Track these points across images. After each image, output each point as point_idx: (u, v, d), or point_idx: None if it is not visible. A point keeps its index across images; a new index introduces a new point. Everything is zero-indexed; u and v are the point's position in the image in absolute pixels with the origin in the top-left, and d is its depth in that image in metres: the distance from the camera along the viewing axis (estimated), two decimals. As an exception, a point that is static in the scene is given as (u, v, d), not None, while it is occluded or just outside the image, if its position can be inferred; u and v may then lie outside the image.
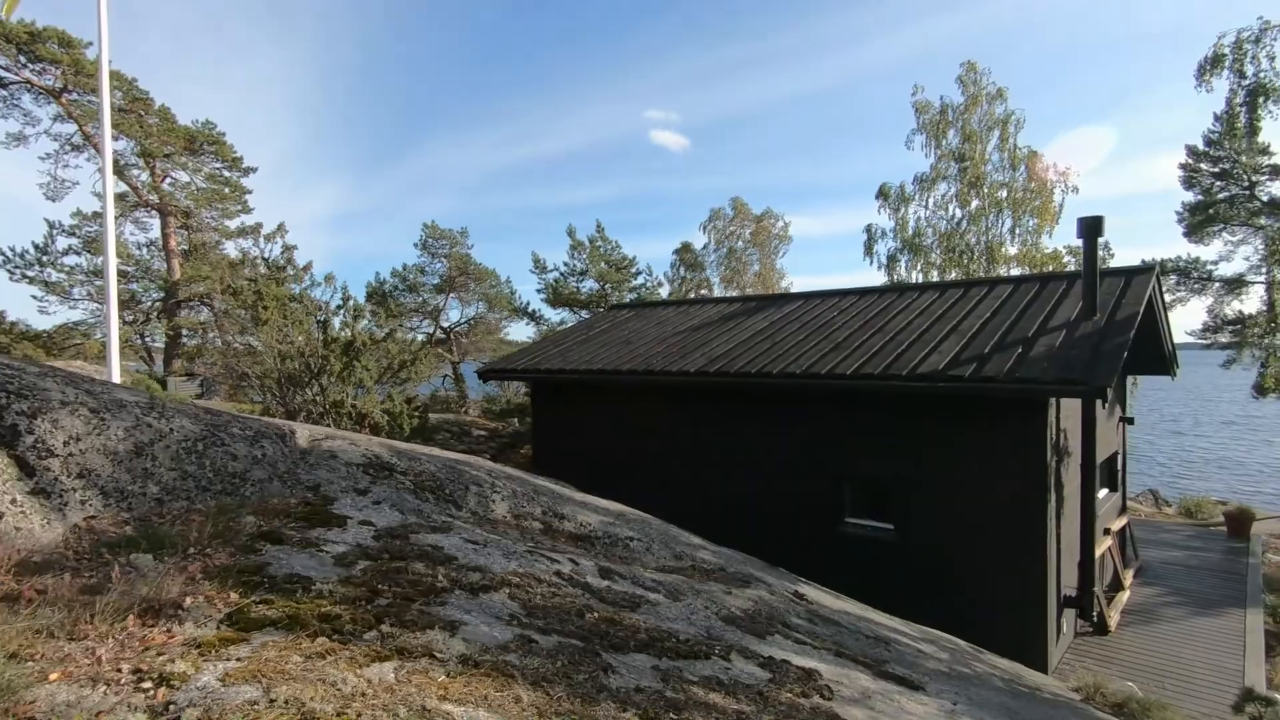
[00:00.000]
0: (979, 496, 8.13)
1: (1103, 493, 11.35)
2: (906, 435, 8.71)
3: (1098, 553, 9.54)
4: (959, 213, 24.49)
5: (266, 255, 16.72)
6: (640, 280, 20.35)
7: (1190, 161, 20.56)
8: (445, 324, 25.13)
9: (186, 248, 18.84)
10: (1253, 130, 8.15)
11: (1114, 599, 10.10)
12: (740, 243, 39.43)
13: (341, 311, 10.98)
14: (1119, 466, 11.72)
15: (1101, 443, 10.72)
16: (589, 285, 19.59)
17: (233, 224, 21.04)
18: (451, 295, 24.55)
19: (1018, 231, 24.08)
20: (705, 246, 39.08)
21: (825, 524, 9.36)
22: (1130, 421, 12.16)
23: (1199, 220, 20.87)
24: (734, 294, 30.31)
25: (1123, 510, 12.18)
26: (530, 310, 21.33)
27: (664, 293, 29.48)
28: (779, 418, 9.86)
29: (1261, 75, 7.90)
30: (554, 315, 20.74)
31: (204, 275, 16.74)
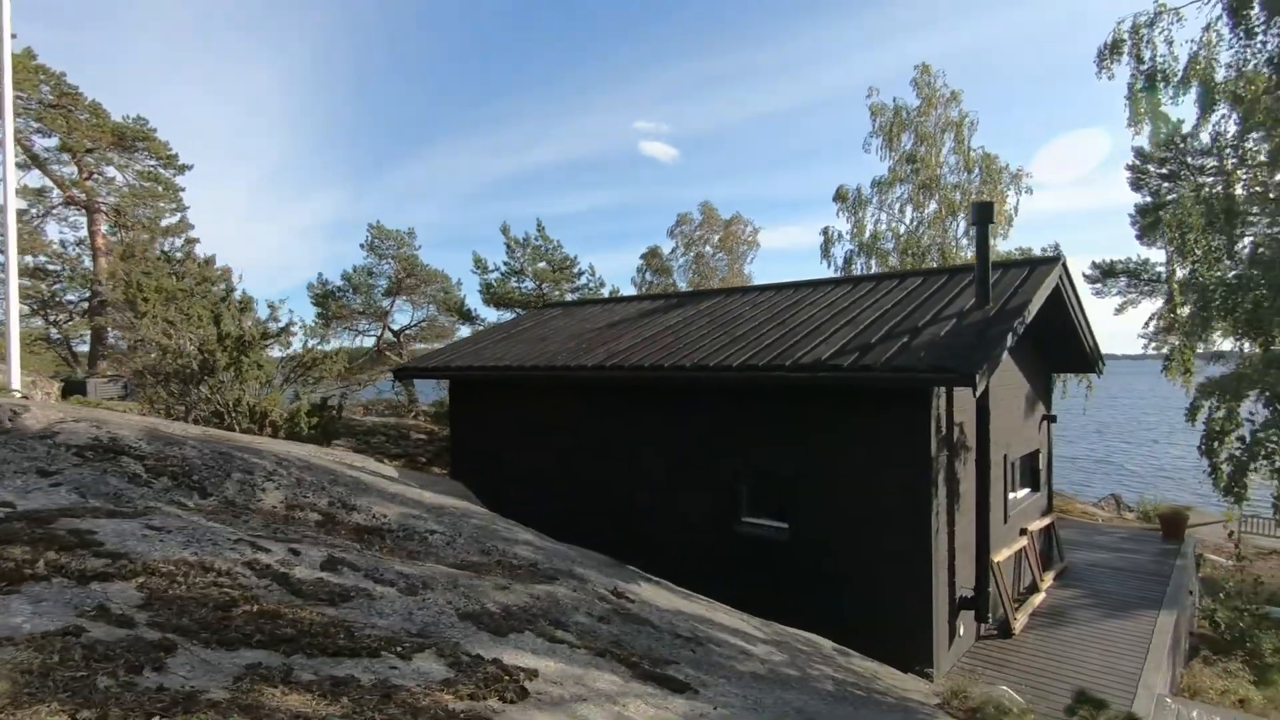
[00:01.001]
0: (866, 492, 7.79)
1: (1023, 492, 11.08)
2: (797, 429, 8.37)
3: (1004, 554, 9.24)
4: (914, 215, 24.35)
5: (168, 250, 16.26)
6: (583, 281, 20.07)
7: (1138, 163, 20.48)
8: (395, 327, 24.66)
9: (111, 246, 18.35)
10: (1154, 115, 7.89)
11: (1027, 601, 9.78)
12: (709, 248, 39.31)
13: (225, 305, 10.52)
14: (1041, 465, 11.43)
15: (1018, 440, 10.47)
16: (529, 285, 19.21)
17: (172, 221, 20.56)
18: (401, 298, 24.11)
19: (972, 234, 23.95)
20: (673, 251, 38.95)
21: (724, 523, 8.99)
22: (1053, 419, 11.89)
23: (1149, 222, 20.81)
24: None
25: (1048, 510, 11.89)
26: (466, 310, 20.93)
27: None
28: (678, 414, 9.50)
29: (1159, 60, 7.62)
30: (492, 316, 20.41)
31: (117, 274, 16.24)
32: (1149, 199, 21.12)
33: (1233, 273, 6.73)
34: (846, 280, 10.88)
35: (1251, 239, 6.71)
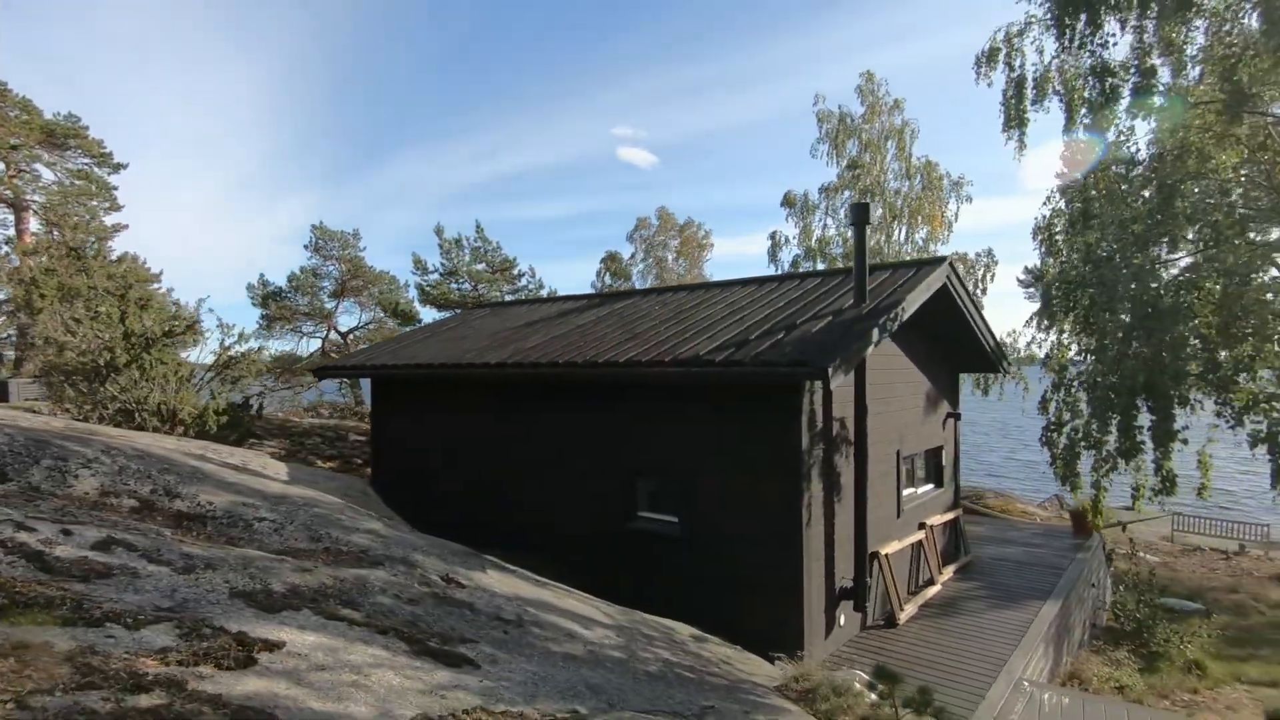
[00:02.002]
0: (744, 485, 7.97)
1: (925, 488, 11.36)
2: (685, 425, 8.54)
3: (896, 547, 9.47)
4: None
5: (77, 247, 16.01)
6: (524, 282, 20.13)
7: (1066, 171, 21.06)
8: (342, 329, 24.49)
9: (39, 245, 18.05)
10: (1021, 122, 8.20)
11: (920, 592, 10.03)
12: (669, 253, 39.60)
13: (125, 302, 10.44)
14: (945, 462, 11.73)
15: (915, 436, 10.74)
16: (466, 286, 19.25)
17: (109, 221, 20.27)
18: (347, 299, 23.97)
19: (915, 239, 24.49)
20: (633, 255, 39.18)
21: (621, 519, 9.11)
22: (957, 418, 12.21)
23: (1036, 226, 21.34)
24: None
25: (953, 506, 12.19)
26: (402, 311, 20.91)
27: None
28: (579, 411, 9.63)
29: (1028, 69, 7.93)
30: (433, 317, 20.39)
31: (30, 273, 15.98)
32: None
33: (1072, 271, 7.02)
34: (754, 281, 11.10)
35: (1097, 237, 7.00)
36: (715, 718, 4.39)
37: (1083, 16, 5.86)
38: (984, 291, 22.05)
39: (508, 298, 19.65)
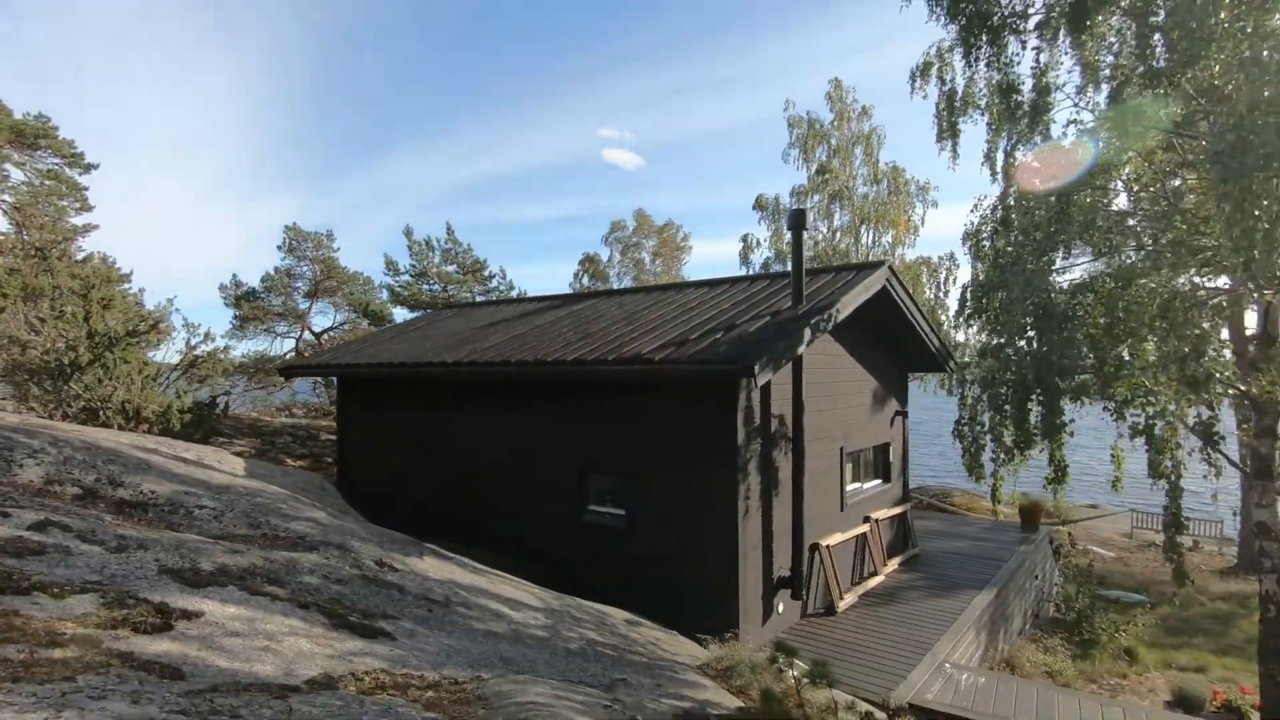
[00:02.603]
0: (685, 479, 8.32)
1: (873, 483, 11.79)
2: (632, 422, 8.88)
3: (838, 539, 9.86)
4: (825, 224, 25.30)
5: (41, 247, 16.12)
6: (494, 284, 20.44)
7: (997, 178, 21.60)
8: (316, 329, 24.61)
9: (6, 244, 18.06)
10: (954, 133, 8.62)
11: (863, 583, 10.44)
12: (646, 254, 40.00)
13: (88, 302, 10.63)
14: (892, 459, 12.15)
15: (860, 433, 11.15)
16: (435, 287, 19.53)
17: (80, 221, 20.30)
18: (322, 300, 24.10)
19: (882, 243, 25.05)
20: (610, 258, 39.52)
21: (573, 514, 9.43)
22: (905, 416, 12.65)
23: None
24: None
25: (902, 501, 12.62)
26: (373, 312, 21.15)
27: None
28: (534, 409, 9.94)
29: (959, 82, 8.34)
30: (403, 317, 20.61)
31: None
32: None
33: (981, 275, 7.44)
34: (707, 283, 11.46)
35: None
36: (624, 689, 4.72)
37: (984, 37, 6.29)
38: (945, 294, 22.59)
39: (479, 299, 19.94)
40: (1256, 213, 4.15)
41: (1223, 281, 6.18)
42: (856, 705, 5.71)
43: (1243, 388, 5.42)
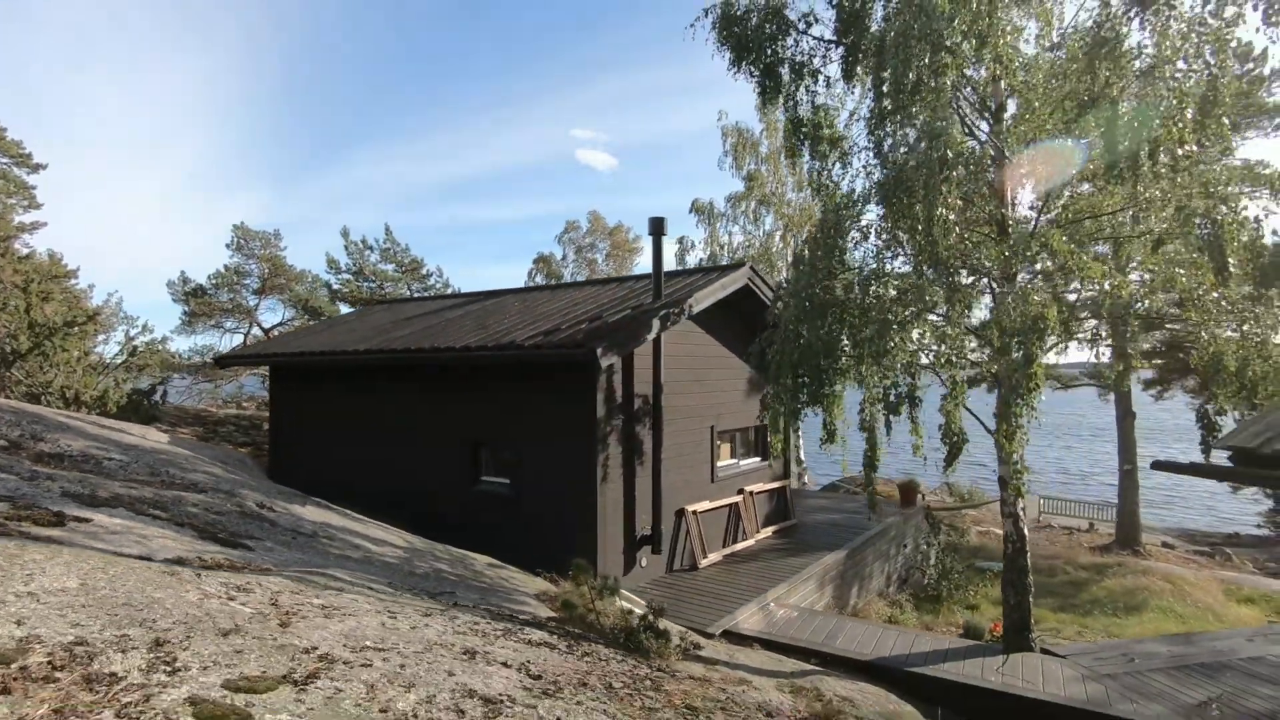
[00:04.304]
0: (555, 450, 9.62)
1: (752, 460, 13.22)
2: (514, 401, 10.15)
3: (707, 506, 11.24)
4: (753, 229, 26.83)
5: None
6: (432, 281, 21.58)
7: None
8: (266, 325, 25.45)
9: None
10: (793, 154, 9.96)
11: (732, 545, 11.84)
12: (599, 254, 41.30)
13: (27, 296, 11.60)
14: (768, 439, 13.58)
15: (734, 415, 12.55)
16: (372, 285, 20.67)
17: (27, 219, 20.99)
18: (271, 297, 24.97)
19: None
20: (564, 258, 40.73)
21: (469, 483, 10.67)
22: (784, 401, 14.09)
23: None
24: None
25: (782, 477, 14.06)
26: (312, 308, 22.18)
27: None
28: (436, 391, 11.16)
29: (800, 109, 9.59)
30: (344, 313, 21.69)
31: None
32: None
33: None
34: (600, 281, 12.80)
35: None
36: (448, 599, 6.00)
37: (764, 80, 7.70)
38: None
39: (417, 295, 21.11)
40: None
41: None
42: (677, 629, 7.05)
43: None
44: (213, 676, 1.80)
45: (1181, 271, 6.99)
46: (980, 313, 7.28)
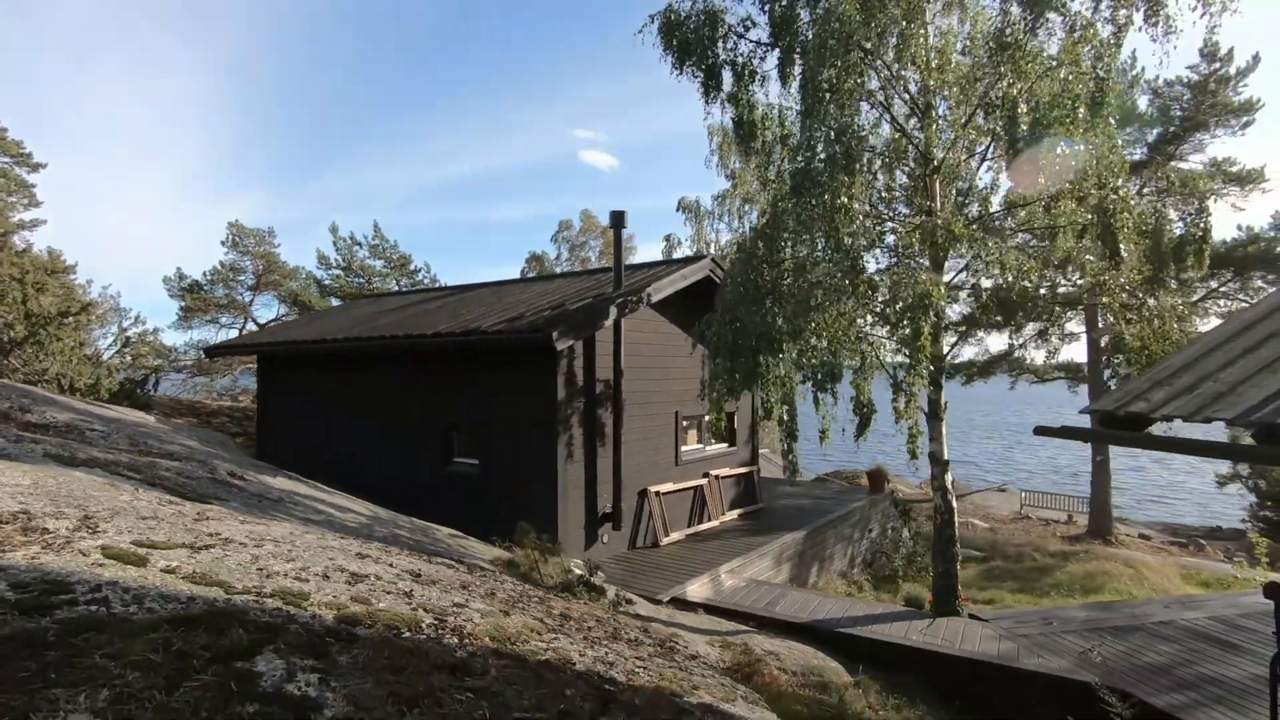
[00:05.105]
0: (520, 431, 10.16)
1: (719, 446, 13.74)
2: (483, 384, 10.70)
3: (670, 487, 11.76)
4: (738, 226, 27.35)
5: None
6: (420, 277, 22.16)
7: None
8: (261, 321, 26.03)
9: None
10: (746, 152, 10.41)
11: (696, 525, 12.36)
12: (593, 253, 41.85)
13: (23, 288, 12.18)
14: (736, 426, 14.11)
15: (697, 402, 13.07)
16: (360, 280, 21.28)
17: (28, 216, 21.62)
18: (266, 293, 25.57)
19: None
20: (558, 257, 41.32)
21: (441, 463, 11.21)
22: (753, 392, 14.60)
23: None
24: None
25: (749, 463, 14.56)
26: (301, 303, 22.81)
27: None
28: (411, 376, 11.71)
29: (741, 108, 10.01)
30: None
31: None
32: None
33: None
34: (571, 274, 13.35)
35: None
36: (403, 545, 6.52)
37: (706, 81, 8.24)
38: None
39: (405, 290, 21.72)
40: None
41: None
42: (615, 589, 7.58)
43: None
44: (125, 538, 2.31)
45: (1092, 258, 7.52)
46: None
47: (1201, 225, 7.47)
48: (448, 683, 1.88)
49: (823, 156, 6.42)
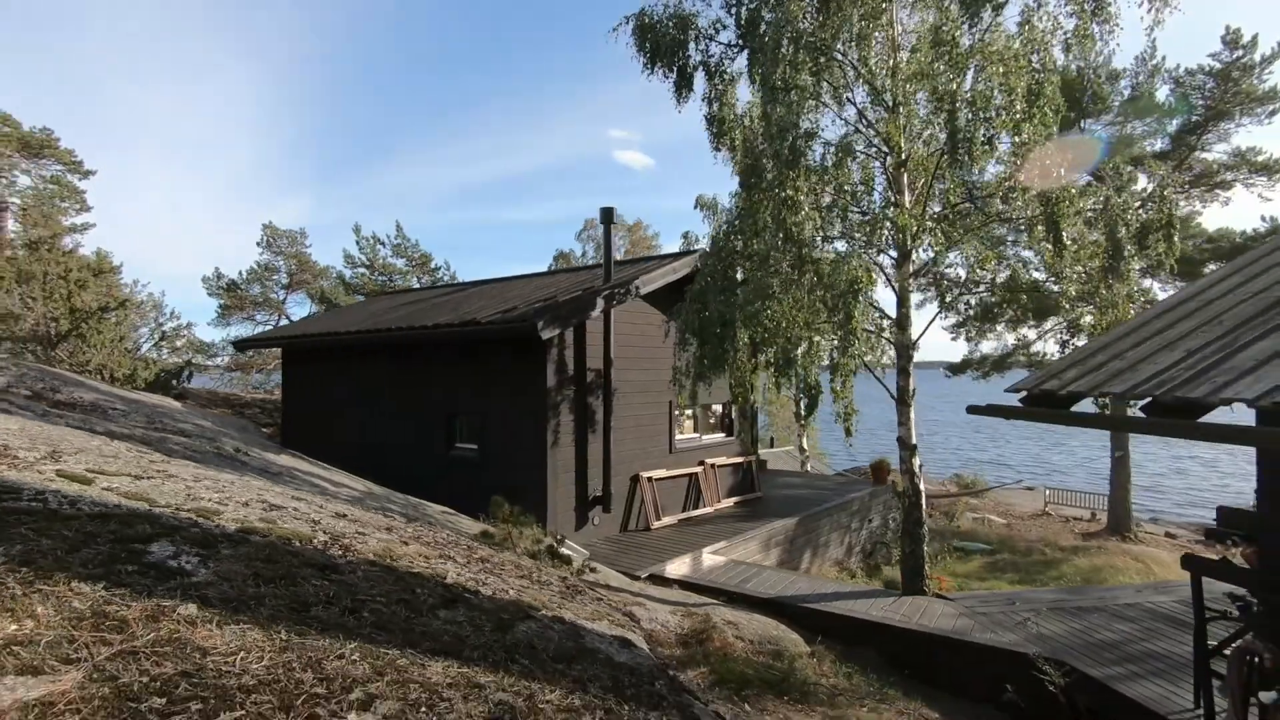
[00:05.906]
0: (513, 417, 10.71)
1: (716, 435, 14.12)
2: (482, 372, 11.29)
3: (663, 474, 12.20)
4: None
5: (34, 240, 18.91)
6: (440, 274, 22.97)
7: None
8: (294, 318, 27.23)
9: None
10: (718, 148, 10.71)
11: (690, 511, 12.77)
12: (617, 252, 42.42)
13: (68, 285, 13.19)
14: (733, 417, 14.46)
15: (699, 394, 13.46)
16: (382, 279, 22.19)
17: (79, 220, 23.13)
18: (296, 291, 26.76)
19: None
20: (583, 254, 41.96)
21: (445, 449, 11.86)
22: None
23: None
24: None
25: (746, 453, 14.90)
26: (327, 299, 23.82)
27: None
28: (418, 366, 12.38)
29: (712, 106, 10.34)
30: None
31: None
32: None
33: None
34: (569, 269, 13.87)
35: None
36: (385, 513, 7.11)
37: (678, 80, 8.64)
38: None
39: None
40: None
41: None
42: (581, 558, 8.07)
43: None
44: (81, 466, 2.87)
45: (1049, 246, 7.74)
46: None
47: (1166, 211, 7.65)
48: (311, 574, 2.37)
49: (769, 153, 6.81)
